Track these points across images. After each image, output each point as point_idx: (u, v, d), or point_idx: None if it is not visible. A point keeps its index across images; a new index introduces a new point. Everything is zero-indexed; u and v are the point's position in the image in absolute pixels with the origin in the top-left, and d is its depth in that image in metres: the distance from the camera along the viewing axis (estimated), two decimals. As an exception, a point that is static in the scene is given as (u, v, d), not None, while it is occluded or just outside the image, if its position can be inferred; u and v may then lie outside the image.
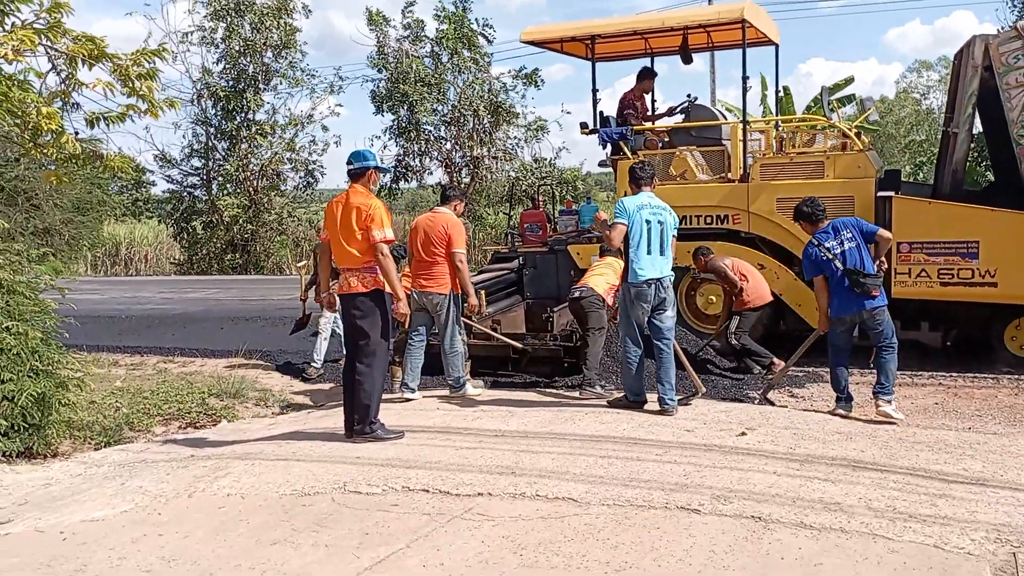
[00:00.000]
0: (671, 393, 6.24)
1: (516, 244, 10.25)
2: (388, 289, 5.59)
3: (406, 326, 6.07)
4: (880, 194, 8.01)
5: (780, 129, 9.29)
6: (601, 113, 9.50)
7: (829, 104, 9.52)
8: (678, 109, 9.72)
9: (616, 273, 7.14)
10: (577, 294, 7.15)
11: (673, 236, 6.42)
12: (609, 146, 9.45)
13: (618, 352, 7.14)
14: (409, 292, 7.09)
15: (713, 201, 8.64)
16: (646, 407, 6.33)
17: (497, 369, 8.03)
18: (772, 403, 6.84)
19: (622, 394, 6.52)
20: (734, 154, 8.83)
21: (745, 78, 8.76)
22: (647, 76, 9.73)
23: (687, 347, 7.80)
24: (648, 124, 9.59)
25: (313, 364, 8.77)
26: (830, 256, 6.16)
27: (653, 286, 6.21)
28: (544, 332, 8.20)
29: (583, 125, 9.61)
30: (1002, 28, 8.43)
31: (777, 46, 9.95)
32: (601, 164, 10.33)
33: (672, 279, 6.41)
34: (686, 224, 8.35)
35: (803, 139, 9.12)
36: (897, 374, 6.31)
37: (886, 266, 6.57)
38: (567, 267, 9.21)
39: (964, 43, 8.02)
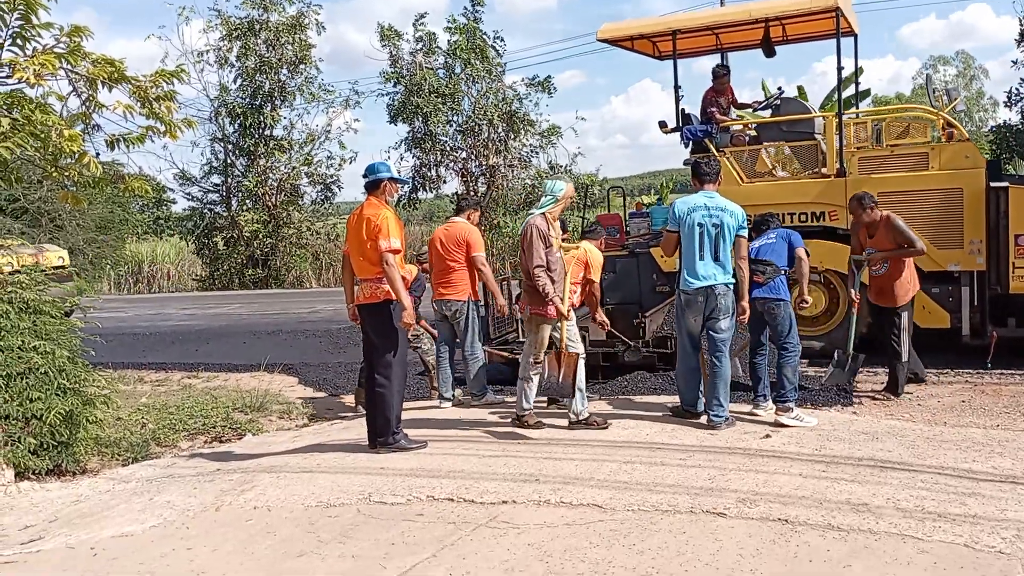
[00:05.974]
0: (718, 410, 5.83)
1: None
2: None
3: (409, 336, 6.01)
4: (994, 184, 7.53)
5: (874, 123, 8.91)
6: (683, 111, 9.17)
7: (934, 93, 8.96)
8: (767, 104, 9.42)
9: (576, 261, 6.53)
10: None
11: (741, 236, 5.90)
12: (692, 144, 9.10)
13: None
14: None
15: (808, 197, 8.23)
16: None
17: (588, 378, 7.93)
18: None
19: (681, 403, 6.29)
20: (829, 148, 8.45)
21: (840, 69, 8.38)
22: (722, 73, 9.36)
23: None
24: (732, 120, 9.27)
25: None
26: None
27: (703, 294, 5.85)
28: (636, 338, 7.92)
29: (662, 124, 9.25)
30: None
31: (856, 36, 9.49)
32: (686, 163, 10.07)
33: (729, 285, 5.88)
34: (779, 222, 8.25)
35: (895, 131, 8.63)
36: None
37: (806, 301, 6.32)
38: (649, 270, 8.72)
39: None
